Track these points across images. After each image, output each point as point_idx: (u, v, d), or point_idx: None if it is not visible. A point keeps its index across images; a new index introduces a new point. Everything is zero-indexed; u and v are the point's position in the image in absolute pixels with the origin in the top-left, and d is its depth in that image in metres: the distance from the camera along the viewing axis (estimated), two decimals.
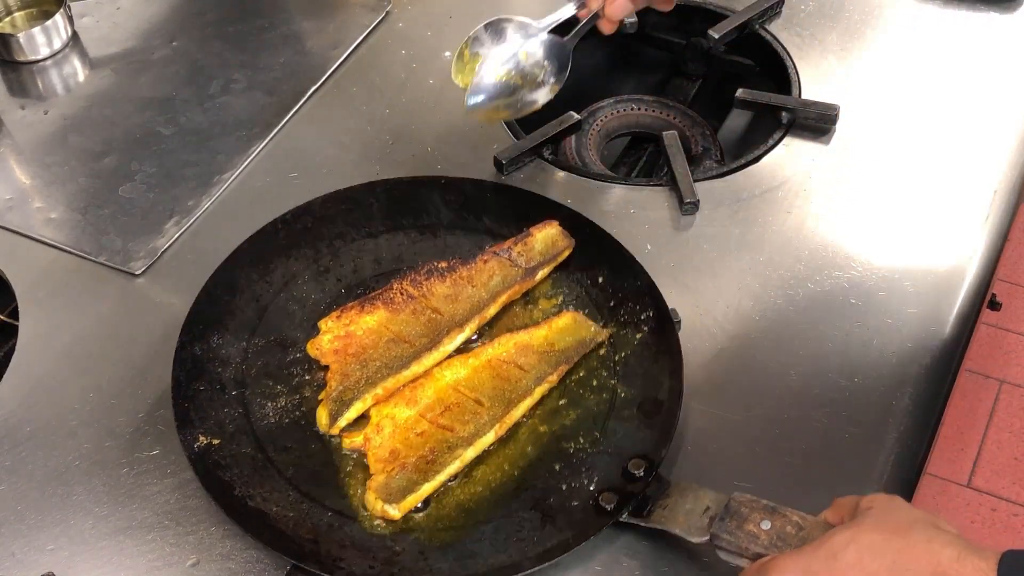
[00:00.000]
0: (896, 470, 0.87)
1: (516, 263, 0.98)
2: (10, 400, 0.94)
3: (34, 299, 1.02)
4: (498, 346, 0.93)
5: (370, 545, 0.82)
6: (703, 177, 1.09)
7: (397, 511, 0.83)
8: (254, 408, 0.91)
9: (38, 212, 1.10)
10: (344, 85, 1.22)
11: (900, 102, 1.16)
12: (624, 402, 0.90)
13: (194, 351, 0.92)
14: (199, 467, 0.85)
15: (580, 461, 0.86)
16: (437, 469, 0.85)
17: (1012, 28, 1.22)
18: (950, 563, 0.65)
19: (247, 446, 0.88)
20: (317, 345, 0.93)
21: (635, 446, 0.86)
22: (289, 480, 0.86)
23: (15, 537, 0.85)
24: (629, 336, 0.94)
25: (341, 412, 0.88)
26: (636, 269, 0.96)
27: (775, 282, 1.00)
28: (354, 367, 0.91)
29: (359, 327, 0.94)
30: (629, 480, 0.83)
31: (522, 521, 0.83)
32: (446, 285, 0.97)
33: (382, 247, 1.02)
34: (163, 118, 1.19)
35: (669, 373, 0.89)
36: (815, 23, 1.25)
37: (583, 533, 0.81)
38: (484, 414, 0.88)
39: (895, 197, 1.07)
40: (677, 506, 0.80)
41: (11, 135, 1.19)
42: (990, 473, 2.02)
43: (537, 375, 0.91)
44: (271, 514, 0.83)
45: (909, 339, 0.95)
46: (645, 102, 1.24)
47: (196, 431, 0.87)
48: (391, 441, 0.87)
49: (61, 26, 1.26)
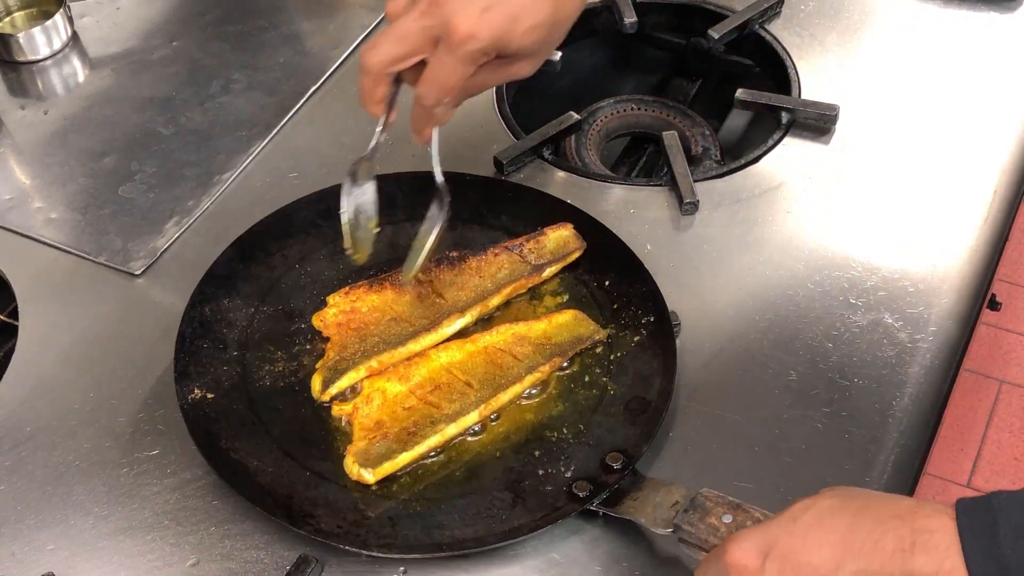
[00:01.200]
0: (896, 470, 0.87)
1: (526, 259, 1.00)
2: (10, 400, 0.94)
3: (34, 299, 1.02)
4: (496, 334, 0.95)
5: (342, 507, 0.84)
6: (703, 177, 1.09)
7: (372, 475, 0.85)
8: (252, 370, 0.93)
9: (38, 212, 1.10)
10: (344, 85, 1.22)
11: (900, 102, 1.16)
12: (612, 399, 0.91)
13: (204, 311, 0.95)
14: (189, 416, 0.87)
15: (560, 450, 0.88)
16: (417, 441, 0.87)
17: (1012, 28, 1.22)
18: (908, 510, 0.66)
19: (239, 403, 0.91)
20: (322, 317, 0.96)
21: (616, 441, 0.87)
22: (275, 439, 0.89)
23: (15, 537, 0.85)
24: (627, 338, 0.94)
25: (334, 380, 0.91)
26: (644, 275, 0.97)
27: (775, 282, 1.00)
28: (353, 340, 0.94)
29: (364, 304, 0.96)
30: (606, 471, 0.84)
31: (494, 500, 0.85)
32: (454, 273, 0.99)
33: (400, 234, 1.03)
34: (163, 118, 1.19)
35: (661, 375, 0.90)
36: (815, 23, 1.25)
37: (552, 516, 0.82)
38: (472, 395, 0.90)
39: (895, 197, 1.07)
40: (648, 499, 0.81)
41: (11, 135, 1.19)
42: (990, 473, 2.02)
43: (529, 365, 0.92)
44: (251, 467, 0.86)
45: (909, 339, 0.95)
46: (645, 102, 1.24)
47: (192, 383, 0.90)
48: (378, 412, 0.89)
49: (61, 26, 1.26)
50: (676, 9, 1.30)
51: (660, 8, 1.29)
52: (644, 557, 0.82)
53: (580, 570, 0.82)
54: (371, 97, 0.84)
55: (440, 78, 0.80)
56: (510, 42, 0.79)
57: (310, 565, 0.81)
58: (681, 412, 0.90)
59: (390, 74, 0.83)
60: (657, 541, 0.82)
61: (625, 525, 0.83)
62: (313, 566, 0.81)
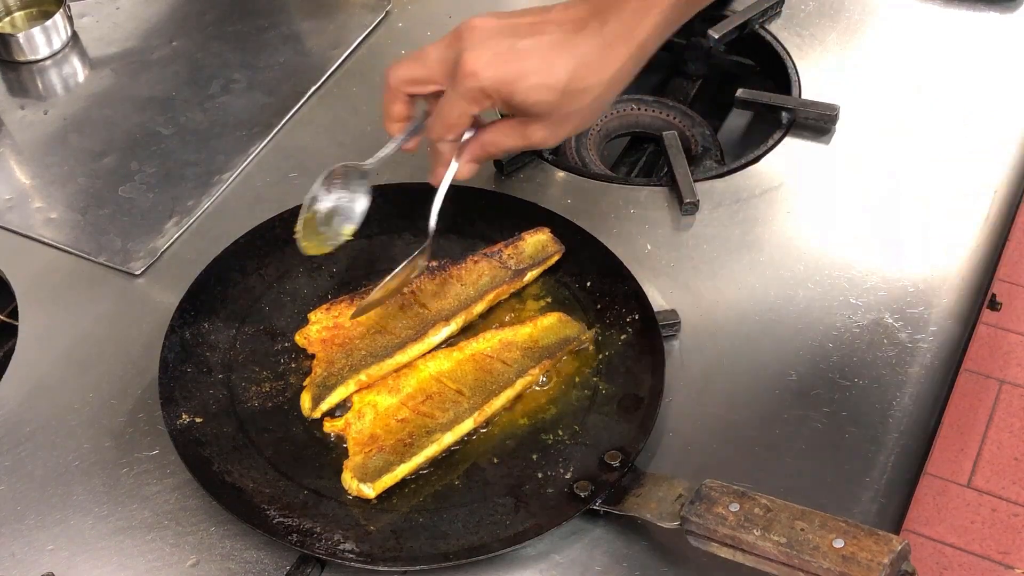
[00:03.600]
0: (896, 470, 0.87)
1: (506, 265, 1.00)
2: (10, 400, 0.94)
3: (34, 299, 1.02)
4: (482, 341, 0.94)
5: (343, 524, 0.83)
6: (703, 177, 1.09)
7: (372, 490, 0.84)
8: (239, 391, 0.93)
9: (38, 212, 1.10)
10: (344, 85, 1.22)
11: (900, 102, 1.16)
12: (605, 398, 0.91)
13: (184, 335, 0.94)
14: (179, 442, 0.87)
15: (558, 452, 0.88)
16: (415, 451, 0.86)
17: (1012, 28, 1.22)
18: None
19: (228, 426, 0.90)
20: (305, 335, 0.95)
21: (613, 439, 0.87)
22: (268, 459, 0.88)
23: (15, 537, 0.85)
24: (614, 337, 0.94)
25: (323, 396, 0.90)
26: (624, 274, 0.97)
27: (775, 282, 1.00)
28: (339, 355, 0.93)
29: (347, 319, 0.95)
30: (605, 470, 0.84)
31: (496, 506, 0.84)
32: (435, 283, 0.98)
33: (376, 248, 1.03)
34: (163, 118, 1.19)
35: (651, 371, 0.90)
36: (815, 23, 1.25)
37: (555, 518, 0.82)
38: (464, 403, 0.90)
39: (895, 197, 1.07)
40: (650, 494, 0.81)
41: (11, 135, 1.19)
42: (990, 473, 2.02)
43: (519, 369, 0.92)
44: (247, 489, 0.85)
45: (909, 339, 0.95)
46: (645, 102, 1.24)
47: (179, 409, 0.89)
48: (371, 427, 0.89)
49: (61, 26, 1.26)
50: None
51: None
52: (645, 557, 0.82)
53: (580, 570, 0.82)
54: (387, 112, 0.87)
55: (444, 111, 0.83)
56: (513, 93, 0.80)
57: (310, 565, 0.81)
58: (680, 412, 0.90)
59: (407, 93, 0.86)
60: (658, 539, 0.82)
61: (625, 525, 0.83)
62: (313, 566, 0.81)
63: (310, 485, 0.86)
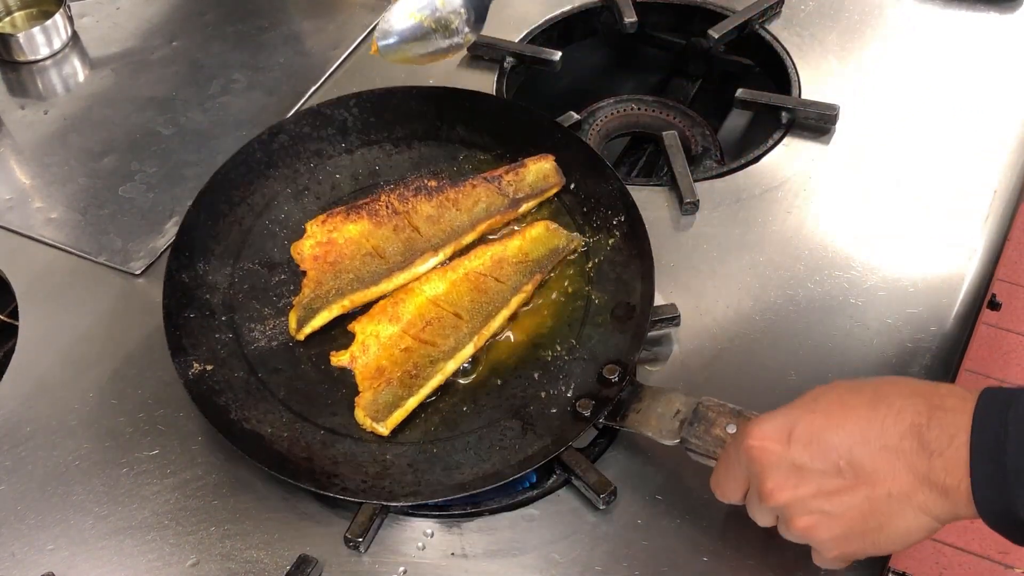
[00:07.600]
0: None
1: (504, 192, 1.00)
2: (10, 400, 0.94)
3: (34, 299, 1.02)
4: (474, 259, 0.96)
5: (362, 460, 0.85)
6: (703, 177, 1.09)
7: (385, 428, 0.86)
8: (243, 332, 0.94)
9: (38, 212, 1.10)
10: (344, 85, 1.22)
11: (900, 102, 1.16)
12: (598, 308, 0.93)
13: (182, 278, 0.95)
14: (195, 393, 0.88)
15: (557, 368, 0.90)
16: (420, 383, 0.88)
17: (1012, 28, 1.22)
18: (927, 388, 0.69)
19: (239, 370, 0.91)
20: (299, 249, 0.97)
21: (609, 351, 0.89)
22: (281, 401, 0.89)
23: (15, 537, 0.85)
24: (602, 242, 0.96)
25: (308, 319, 0.92)
26: (607, 173, 0.99)
27: (775, 282, 1.00)
28: (327, 276, 0.95)
29: (341, 235, 0.97)
30: (604, 385, 0.86)
31: (504, 430, 0.87)
32: (431, 205, 1.00)
33: (358, 162, 1.04)
34: (163, 118, 1.19)
35: (641, 277, 0.92)
36: (815, 23, 1.25)
37: (562, 439, 0.84)
38: (463, 327, 0.92)
39: (895, 197, 1.07)
40: (649, 410, 0.83)
41: (11, 135, 1.19)
42: None
43: (513, 286, 0.94)
44: (266, 436, 0.87)
45: (909, 339, 0.95)
46: (645, 102, 1.24)
47: (190, 358, 0.90)
48: (377, 359, 0.90)
49: (61, 26, 1.26)
50: (676, 9, 1.29)
51: (660, 8, 1.29)
52: (644, 557, 0.82)
53: (580, 570, 0.82)
54: None
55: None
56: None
57: (310, 565, 0.81)
58: None
59: None
60: (658, 539, 0.82)
61: (625, 524, 0.83)
62: (313, 566, 0.81)
63: (324, 424, 0.88)
